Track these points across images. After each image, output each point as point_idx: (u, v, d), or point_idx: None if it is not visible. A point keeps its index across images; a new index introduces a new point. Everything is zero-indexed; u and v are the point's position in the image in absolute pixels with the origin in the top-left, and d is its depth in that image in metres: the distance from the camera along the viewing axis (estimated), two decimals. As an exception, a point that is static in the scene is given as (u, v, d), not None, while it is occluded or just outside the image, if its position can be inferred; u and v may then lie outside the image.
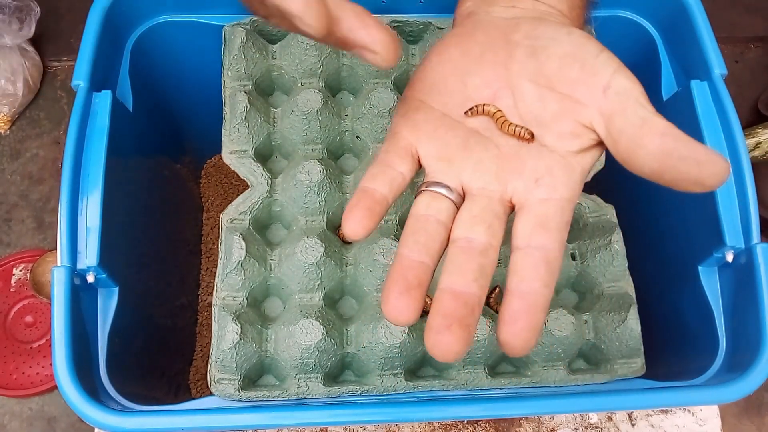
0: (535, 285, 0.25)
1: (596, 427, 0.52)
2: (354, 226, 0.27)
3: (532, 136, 0.28)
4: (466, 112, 0.30)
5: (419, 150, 0.30)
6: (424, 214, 0.28)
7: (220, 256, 0.44)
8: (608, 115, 0.26)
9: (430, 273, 0.26)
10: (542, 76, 0.28)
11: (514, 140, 0.29)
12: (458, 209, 0.28)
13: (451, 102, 0.30)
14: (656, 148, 0.24)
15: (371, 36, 0.26)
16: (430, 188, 0.29)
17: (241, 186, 0.70)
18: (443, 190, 0.28)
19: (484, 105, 0.29)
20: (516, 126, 0.28)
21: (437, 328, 0.24)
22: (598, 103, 0.26)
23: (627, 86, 0.26)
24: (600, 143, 0.27)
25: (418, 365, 0.46)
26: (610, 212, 0.48)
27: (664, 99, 0.50)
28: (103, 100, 0.44)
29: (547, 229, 0.26)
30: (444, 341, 0.24)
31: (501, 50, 0.29)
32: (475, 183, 0.28)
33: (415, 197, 0.29)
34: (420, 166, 0.30)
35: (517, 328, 0.24)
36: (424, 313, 0.47)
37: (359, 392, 0.43)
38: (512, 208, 0.28)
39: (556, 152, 0.28)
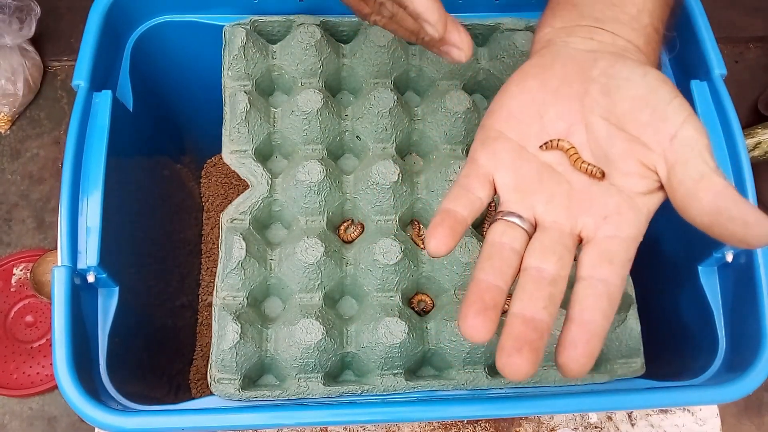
0: (596, 316, 0.26)
1: (596, 427, 0.52)
2: (437, 243, 0.28)
3: (603, 175, 0.29)
4: (541, 146, 0.31)
5: (496, 178, 0.31)
6: (499, 241, 0.29)
7: (220, 255, 0.44)
8: (671, 163, 0.27)
9: (503, 295, 0.28)
10: (614, 115, 0.29)
11: (585, 177, 0.30)
12: (530, 238, 0.30)
13: (528, 133, 0.32)
14: (709, 205, 0.26)
15: (460, 36, 0.34)
16: (505, 218, 0.30)
17: (242, 186, 0.70)
18: (517, 220, 0.30)
19: (558, 140, 0.30)
20: (588, 164, 0.30)
21: (509, 351, 0.26)
22: (664, 150, 0.28)
23: (693, 138, 0.27)
24: (663, 188, 0.29)
25: (418, 365, 0.46)
26: (609, 212, 0.48)
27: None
28: (104, 100, 0.44)
29: (611, 263, 0.28)
30: (515, 363, 0.25)
31: (577, 84, 0.31)
32: (547, 216, 0.30)
33: (490, 225, 0.31)
34: (495, 192, 0.32)
35: (576, 353, 0.26)
36: (424, 312, 0.47)
37: (359, 392, 0.43)
38: (580, 241, 0.29)
39: (624, 192, 0.29)
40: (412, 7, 0.32)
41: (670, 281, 0.50)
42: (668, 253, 0.52)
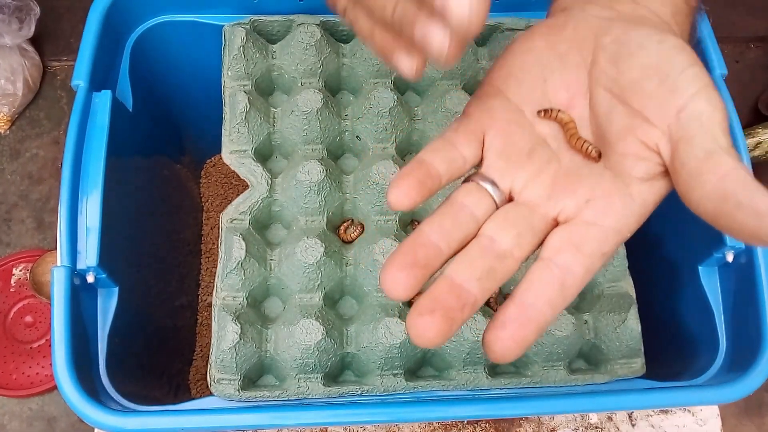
0: (539, 301, 0.24)
1: (596, 428, 0.52)
2: (399, 194, 0.25)
3: (599, 155, 0.26)
4: (539, 112, 0.28)
5: (486, 137, 0.28)
6: (460, 201, 0.26)
7: (220, 256, 0.44)
8: (676, 140, 0.24)
9: (440, 261, 0.25)
10: (618, 86, 0.26)
11: (579, 157, 0.27)
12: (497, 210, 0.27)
13: (528, 96, 0.28)
14: (714, 189, 0.22)
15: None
16: (479, 180, 0.27)
17: (241, 186, 0.70)
18: (490, 188, 0.27)
19: (558, 111, 0.27)
20: (585, 142, 0.26)
21: (421, 309, 0.23)
22: (669, 125, 0.24)
23: (704, 111, 0.23)
24: (668, 174, 0.25)
25: (418, 365, 0.46)
26: (610, 212, 0.48)
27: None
28: (103, 100, 0.44)
29: (578, 250, 0.24)
30: (422, 324, 0.23)
31: (587, 52, 0.27)
32: (525, 193, 0.27)
33: (462, 183, 0.28)
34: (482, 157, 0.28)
35: (504, 334, 0.23)
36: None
37: (359, 392, 0.43)
38: (552, 228, 0.26)
39: (619, 176, 0.25)
40: None
41: (671, 281, 0.50)
42: (669, 253, 0.52)
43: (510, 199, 0.27)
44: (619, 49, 0.26)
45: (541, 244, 0.26)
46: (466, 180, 0.27)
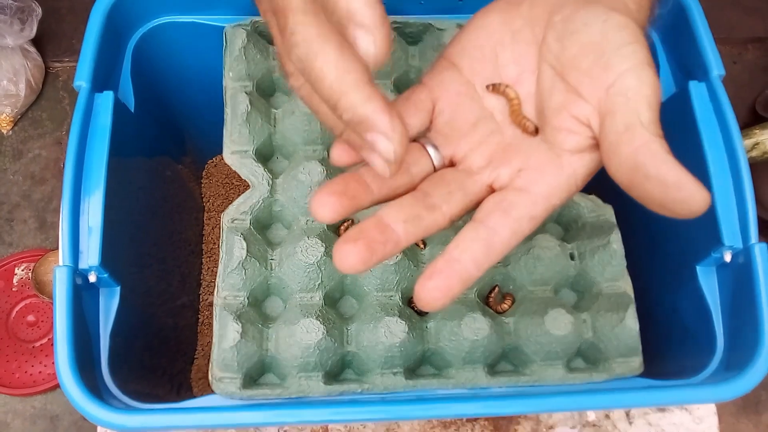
0: (464, 256, 0.25)
1: (594, 425, 0.53)
2: (338, 151, 0.27)
3: (536, 131, 0.28)
4: (487, 86, 0.29)
5: (436, 106, 0.29)
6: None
7: (221, 255, 0.44)
8: (603, 114, 0.25)
9: (368, 199, 0.26)
10: (560, 63, 0.27)
11: (519, 131, 0.29)
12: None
13: (479, 71, 0.30)
14: (627, 160, 0.23)
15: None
16: (423, 142, 0.29)
17: (242, 186, 0.70)
18: (432, 151, 0.28)
19: (506, 86, 0.29)
20: (523, 118, 0.28)
21: (346, 238, 0.25)
22: (599, 101, 0.25)
23: (632, 87, 0.24)
24: (598, 147, 0.26)
25: (418, 364, 0.46)
26: (608, 212, 0.48)
27: (662, 100, 0.50)
28: (105, 101, 0.44)
29: (506, 214, 0.26)
30: (346, 249, 0.24)
31: (539, 29, 0.28)
32: (466, 160, 0.29)
33: None
34: (428, 129, 0.30)
35: (431, 284, 0.25)
36: (424, 312, 0.47)
37: (359, 391, 0.43)
38: (486, 194, 0.28)
39: (552, 149, 0.27)
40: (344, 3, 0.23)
41: (669, 281, 0.51)
42: (666, 252, 0.52)
43: (451, 165, 0.29)
44: (565, 27, 0.27)
45: (471, 207, 0.28)
46: (411, 140, 0.29)
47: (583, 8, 0.27)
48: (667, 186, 0.22)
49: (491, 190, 0.28)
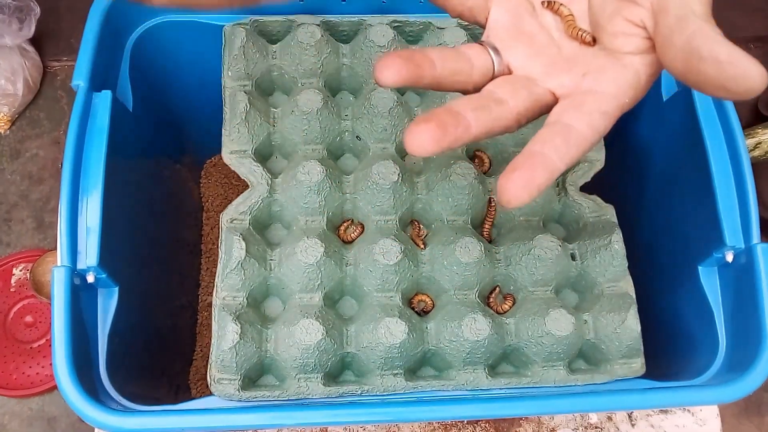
0: (545, 148, 0.26)
1: (596, 427, 0.52)
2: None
3: (594, 40, 0.29)
4: (542, 2, 0.30)
5: (492, 9, 0.30)
6: (464, 50, 0.29)
7: (220, 256, 0.44)
8: (656, 13, 0.26)
9: (429, 72, 0.27)
10: None
11: (576, 44, 0.29)
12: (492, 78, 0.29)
13: None
14: (681, 47, 0.24)
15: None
16: (484, 44, 0.29)
17: (241, 186, 0.70)
18: (492, 53, 0.29)
19: (560, 4, 0.30)
20: (580, 29, 0.29)
21: (418, 120, 0.25)
22: (651, 2, 0.26)
23: None
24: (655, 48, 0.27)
25: (418, 365, 0.46)
26: (610, 212, 0.48)
27: (665, 99, 0.50)
28: (103, 100, 0.44)
29: (578, 110, 0.27)
30: (418, 129, 0.25)
31: None
32: (524, 68, 0.29)
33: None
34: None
35: (513, 176, 0.25)
36: (424, 312, 0.47)
37: (359, 392, 0.43)
38: (553, 102, 0.29)
39: (611, 54, 0.28)
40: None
41: (671, 281, 0.50)
42: (668, 253, 0.52)
43: (507, 73, 0.30)
44: None
45: (537, 109, 0.28)
46: (472, 44, 0.30)
47: None
48: (721, 63, 0.23)
49: (555, 98, 0.29)
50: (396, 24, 0.50)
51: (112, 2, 0.46)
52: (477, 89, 0.29)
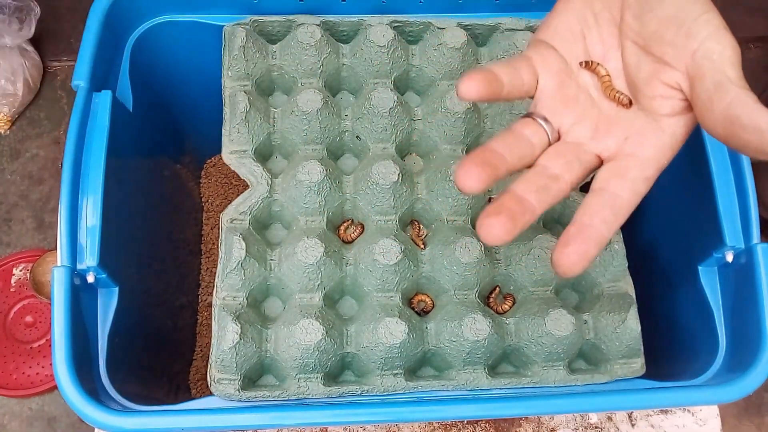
0: (594, 220, 0.28)
1: (596, 427, 0.52)
2: (469, 85, 0.29)
3: (630, 103, 0.30)
4: (580, 63, 0.32)
5: (540, 80, 0.32)
6: (520, 131, 0.31)
7: (220, 256, 0.44)
8: (692, 77, 0.27)
9: (504, 167, 0.29)
10: (642, 38, 0.29)
11: (614, 105, 0.31)
12: (549, 146, 0.31)
13: (572, 51, 0.32)
14: (722, 115, 0.25)
15: None
16: (534, 116, 0.31)
17: (241, 186, 0.70)
18: (543, 123, 0.31)
19: (597, 64, 0.31)
20: (617, 92, 0.30)
21: (488, 212, 0.27)
22: (686, 66, 0.27)
23: (715, 50, 0.26)
24: (691, 108, 0.28)
25: (418, 365, 0.46)
26: (610, 212, 0.48)
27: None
28: (103, 100, 0.44)
29: (622, 177, 0.29)
30: (490, 222, 0.27)
31: (616, 9, 0.31)
32: (572, 133, 0.31)
33: (520, 118, 0.32)
34: (533, 95, 0.32)
35: (568, 249, 0.27)
36: (424, 312, 0.47)
37: (359, 392, 0.43)
38: (600, 165, 0.30)
39: (650, 117, 0.29)
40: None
41: (671, 281, 0.50)
42: (668, 253, 0.52)
43: (558, 138, 0.32)
44: (641, 5, 0.29)
45: (587, 174, 0.30)
46: (521, 117, 0.32)
47: None
48: (763, 132, 0.24)
49: (600, 160, 0.31)
50: (396, 24, 0.50)
51: (112, 2, 0.46)
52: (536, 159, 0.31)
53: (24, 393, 1.02)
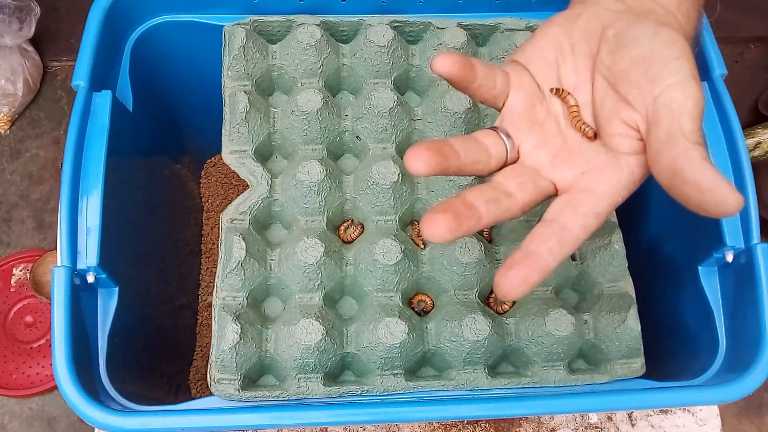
0: (540, 248, 0.28)
1: (596, 427, 0.52)
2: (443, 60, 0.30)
3: (595, 135, 0.30)
4: (551, 89, 0.32)
5: (510, 98, 0.32)
6: (481, 139, 0.31)
7: (220, 256, 0.44)
8: (650, 123, 0.27)
9: (456, 163, 0.29)
10: (612, 74, 0.29)
11: (579, 136, 0.31)
12: (505, 163, 0.31)
13: (546, 76, 0.33)
14: (667, 166, 0.26)
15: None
16: (498, 130, 0.32)
17: (241, 186, 0.70)
18: (505, 138, 0.31)
19: (568, 93, 0.31)
20: (583, 123, 0.31)
21: (435, 209, 0.27)
22: (647, 110, 0.27)
23: (676, 100, 0.26)
24: None
25: (418, 365, 0.46)
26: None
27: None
28: (103, 100, 0.44)
29: (574, 211, 0.29)
30: (436, 218, 0.27)
31: (594, 42, 0.31)
32: (531, 156, 0.32)
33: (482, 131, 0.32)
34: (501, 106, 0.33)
35: (509, 273, 0.27)
36: (424, 312, 0.47)
37: (359, 392, 0.43)
38: (554, 193, 0.31)
39: (610, 152, 0.29)
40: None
41: (671, 281, 0.50)
42: (668, 253, 0.52)
43: (517, 158, 0.32)
44: (618, 41, 0.29)
45: (540, 199, 0.31)
46: (486, 129, 0.32)
47: (634, 23, 0.29)
48: (703, 190, 0.24)
49: (555, 189, 0.31)
50: (396, 24, 0.50)
51: (112, 2, 0.46)
52: (491, 173, 0.31)
53: (24, 393, 1.02)
